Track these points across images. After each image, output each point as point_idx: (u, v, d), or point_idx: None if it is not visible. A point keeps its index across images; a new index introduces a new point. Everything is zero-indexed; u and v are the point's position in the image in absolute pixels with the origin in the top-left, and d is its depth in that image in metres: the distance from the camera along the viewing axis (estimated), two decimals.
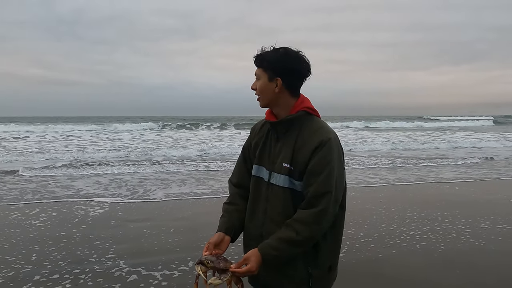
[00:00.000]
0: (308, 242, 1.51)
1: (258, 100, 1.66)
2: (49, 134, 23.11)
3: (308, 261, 1.56)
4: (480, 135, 23.39)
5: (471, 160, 11.65)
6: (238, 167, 1.83)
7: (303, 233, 1.48)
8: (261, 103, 1.65)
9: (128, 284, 3.29)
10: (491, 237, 4.50)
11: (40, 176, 8.60)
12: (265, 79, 1.60)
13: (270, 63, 1.59)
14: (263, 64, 1.60)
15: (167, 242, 4.32)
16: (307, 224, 1.48)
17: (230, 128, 33.27)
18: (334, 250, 1.64)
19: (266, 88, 1.60)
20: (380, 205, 6.05)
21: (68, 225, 4.95)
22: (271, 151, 1.65)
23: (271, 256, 1.50)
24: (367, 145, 16.15)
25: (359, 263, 3.76)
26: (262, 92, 1.62)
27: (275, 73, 1.59)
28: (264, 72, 1.60)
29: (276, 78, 1.59)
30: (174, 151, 13.78)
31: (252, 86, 1.66)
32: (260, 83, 1.61)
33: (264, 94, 1.62)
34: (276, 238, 1.51)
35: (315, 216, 1.48)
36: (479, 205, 6.05)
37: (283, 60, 1.58)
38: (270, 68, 1.59)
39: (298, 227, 1.48)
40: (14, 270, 3.55)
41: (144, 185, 7.61)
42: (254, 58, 1.63)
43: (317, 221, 1.49)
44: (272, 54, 1.59)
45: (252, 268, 1.48)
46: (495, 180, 8.48)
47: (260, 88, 1.62)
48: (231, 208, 1.74)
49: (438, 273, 3.52)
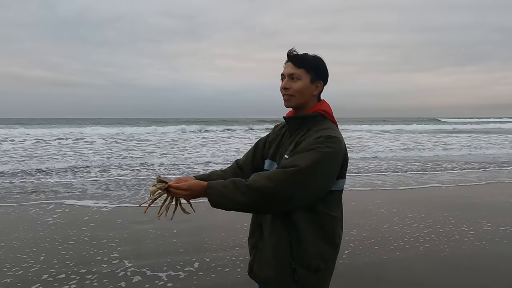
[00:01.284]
0: (251, 192, 1.45)
1: (288, 99, 1.64)
2: (97, 139, 20.64)
3: (293, 255, 1.55)
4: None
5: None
6: (247, 154, 1.90)
7: (253, 182, 1.46)
8: (293, 103, 1.64)
9: (134, 285, 3.32)
10: (496, 239, 4.48)
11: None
12: (307, 80, 1.61)
13: (314, 66, 1.62)
14: (306, 65, 1.60)
15: (172, 243, 4.35)
16: (260, 177, 1.47)
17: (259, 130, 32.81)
18: (322, 251, 1.57)
19: (307, 89, 1.62)
20: (380, 206, 6.05)
21: (76, 225, 5.00)
22: (285, 147, 1.69)
23: (215, 189, 1.48)
24: (455, 151, 15.16)
25: (364, 266, 3.76)
26: (301, 92, 1.61)
27: (318, 76, 1.63)
28: (307, 73, 1.61)
29: (319, 81, 1.64)
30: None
31: (285, 85, 1.63)
32: (301, 84, 1.61)
33: (302, 95, 1.62)
34: (231, 179, 1.52)
35: (274, 173, 1.47)
36: (482, 207, 6.02)
37: (323, 64, 1.64)
38: (314, 70, 1.62)
39: (253, 176, 1.49)
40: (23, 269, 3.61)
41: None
42: (293, 57, 1.62)
43: (271, 177, 1.45)
44: (312, 58, 1.62)
45: (183, 185, 1.51)
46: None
47: (299, 88, 1.61)
48: (219, 172, 1.85)
49: (443, 277, 3.50)
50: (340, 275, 3.47)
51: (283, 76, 1.65)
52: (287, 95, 1.63)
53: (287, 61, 1.64)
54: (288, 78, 1.62)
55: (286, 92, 1.63)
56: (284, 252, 1.56)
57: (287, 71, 1.63)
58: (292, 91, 1.61)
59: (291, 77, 1.62)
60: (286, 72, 1.63)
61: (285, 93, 1.63)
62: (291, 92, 1.62)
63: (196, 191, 1.51)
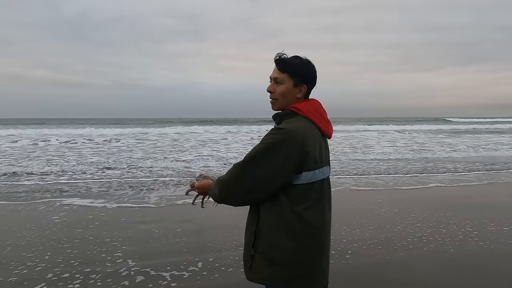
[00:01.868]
0: (220, 186, 1.69)
1: (273, 102, 1.71)
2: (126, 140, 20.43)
3: (254, 243, 1.66)
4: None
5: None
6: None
7: (223, 176, 1.69)
8: (277, 106, 1.71)
9: (138, 285, 3.33)
10: (501, 240, 4.45)
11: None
12: (290, 85, 1.66)
13: (297, 70, 1.65)
14: (289, 69, 1.65)
15: (175, 243, 4.36)
16: (227, 171, 1.68)
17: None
18: (279, 245, 1.59)
19: (290, 93, 1.67)
20: (382, 205, 6.03)
21: (80, 224, 5.02)
22: None
23: (210, 186, 1.77)
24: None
25: (367, 266, 3.74)
26: (284, 96, 1.67)
27: (301, 80, 1.66)
28: (290, 78, 1.65)
29: (302, 84, 1.67)
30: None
31: (269, 88, 1.70)
32: (284, 88, 1.66)
33: (285, 98, 1.67)
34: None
35: (232, 167, 1.66)
36: (484, 207, 5.99)
37: (308, 69, 1.67)
38: (297, 75, 1.65)
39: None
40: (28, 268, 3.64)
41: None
42: (277, 62, 1.67)
43: (228, 172, 1.66)
44: (297, 61, 1.66)
45: (198, 184, 1.88)
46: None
47: (282, 92, 1.67)
48: None
49: (447, 277, 3.49)
50: (344, 276, 3.47)
51: (270, 79, 1.72)
52: (271, 98, 1.71)
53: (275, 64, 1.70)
54: (273, 82, 1.69)
55: (271, 96, 1.70)
56: (249, 240, 1.69)
57: (272, 75, 1.69)
58: (276, 94, 1.68)
59: (275, 81, 1.68)
60: (272, 76, 1.69)
61: (270, 97, 1.71)
62: (275, 96, 1.68)
63: (204, 188, 1.83)
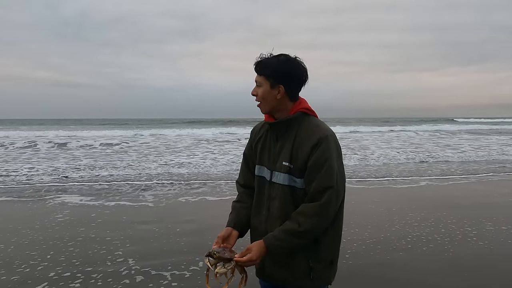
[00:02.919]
0: (309, 234, 1.57)
1: (258, 106, 1.69)
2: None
3: (309, 254, 1.63)
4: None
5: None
6: (242, 171, 1.90)
7: (305, 225, 1.55)
8: (263, 110, 1.69)
9: (138, 284, 3.35)
10: (500, 239, 4.46)
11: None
12: (267, 87, 1.63)
13: (272, 71, 1.61)
14: (264, 72, 1.62)
15: (176, 243, 4.38)
16: (308, 216, 1.55)
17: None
18: (334, 244, 1.69)
19: (268, 95, 1.64)
20: (379, 204, 6.05)
21: (82, 224, 5.05)
22: (271, 151, 1.71)
23: (274, 246, 1.57)
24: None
25: (367, 266, 3.74)
26: (264, 99, 1.65)
27: (277, 81, 1.61)
28: (266, 80, 1.62)
29: (279, 85, 1.62)
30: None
31: (252, 92, 1.68)
32: (262, 91, 1.64)
33: (266, 101, 1.65)
34: (280, 229, 1.59)
35: (317, 208, 1.55)
36: (482, 205, 6.01)
37: (285, 68, 1.61)
38: (273, 76, 1.61)
39: (300, 219, 1.56)
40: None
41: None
42: (254, 65, 1.65)
43: (319, 213, 1.55)
44: (274, 62, 1.61)
45: (253, 257, 1.56)
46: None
47: (262, 95, 1.65)
48: (238, 205, 1.83)
49: (448, 277, 3.48)
50: (344, 276, 3.47)
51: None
52: (257, 101, 1.69)
53: None
54: (256, 85, 1.67)
55: (256, 99, 1.69)
56: (300, 251, 1.63)
57: (255, 78, 1.68)
58: (258, 97, 1.67)
59: (256, 84, 1.67)
60: (255, 79, 1.68)
61: (255, 100, 1.70)
62: (258, 99, 1.67)
63: (262, 255, 1.59)
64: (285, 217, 1.62)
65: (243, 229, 1.78)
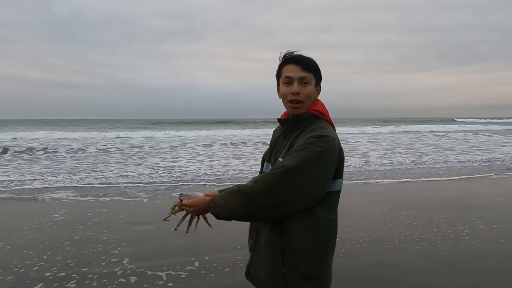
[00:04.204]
0: (243, 199, 1.44)
1: (298, 106, 1.55)
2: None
3: (283, 259, 1.51)
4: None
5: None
6: (260, 168, 1.86)
7: (245, 187, 1.45)
8: (302, 110, 1.57)
9: (134, 285, 3.35)
10: (493, 238, 4.51)
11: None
12: (314, 85, 1.57)
13: (317, 68, 1.58)
14: (313, 68, 1.55)
15: (171, 243, 4.38)
16: (253, 180, 1.47)
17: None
18: (317, 258, 1.50)
19: (314, 94, 1.59)
20: (372, 204, 6.10)
21: (78, 224, 5.04)
22: (279, 148, 1.67)
23: (215, 202, 1.51)
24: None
25: (362, 267, 3.74)
26: (310, 97, 1.56)
27: (320, 80, 1.61)
28: (314, 78, 1.56)
29: (320, 85, 1.62)
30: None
31: (296, 89, 1.53)
32: (310, 88, 1.55)
33: (310, 100, 1.57)
34: (227, 190, 1.57)
35: (260, 177, 1.48)
36: (472, 203, 6.07)
37: (319, 68, 1.60)
38: (318, 74, 1.58)
39: (246, 183, 1.49)
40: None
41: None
42: (299, 59, 1.54)
43: (257, 181, 1.44)
44: (313, 61, 1.57)
45: (188, 202, 1.60)
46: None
47: (309, 93, 1.55)
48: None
49: (442, 277, 3.49)
50: (338, 277, 3.50)
51: (290, 79, 1.54)
52: (296, 101, 1.53)
53: (287, 63, 1.56)
54: (298, 82, 1.53)
55: (297, 98, 1.53)
56: (275, 256, 1.52)
57: (297, 74, 1.52)
58: (302, 96, 1.53)
59: (301, 81, 1.53)
60: (296, 76, 1.52)
61: (294, 99, 1.53)
62: (302, 98, 1.53)
63: (201, 205, 1.56)
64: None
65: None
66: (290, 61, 1.54)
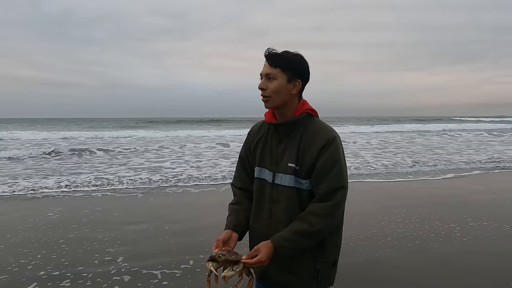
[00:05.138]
0: (319, 234, 1.55)
1: (265, 100, 1.60)
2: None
3: (316, 257, 1.60)
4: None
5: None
6: (238, 173, 1.83)
7: (317, 225, 1.52)
8: (271, 104, 1.60)
9: (128, 284, 3.36)
10: (485, 235, 4.56)
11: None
12: (283, 80, 1.57)
13: (291, 64, 1.57)
14: (281, 64, 1.56)
15: (165, 242, 4.39)
16: (320, 216, 1.52)
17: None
18: (337, 245, 1.69)
19: (283, 89, 1.57)
20: (364, 202, 6.15)
21: (72, 223, 5.04)
22: (273, 152, 1.65)
23: (284, 247, 1.50)
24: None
25: (356, 264, 3.74)
26: (278, 92, 1.57)
27: (295, 75, 1.58)
28: (283, 73, 1.56)
29: (297, 80, 1.59)
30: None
31: (261, 85, 1.59)
32: (277, 84, 1.56)
33: (279, 95, 1.58)
34: (289, 230, 1.53)
35: (329, 209, 1.53)
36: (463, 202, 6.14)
37: (302, 63, 1.59)
38: (291, 69, 1.57)
39: (311, 219, 1.52)
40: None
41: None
42: (268, 56, 1.57)
43: (331, 213, 1.53)
44: (291, 56, 1.57)
45: (262, 258, 1.47)
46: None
47: (275, 88, 1.57)
48: (237, 207, 1.76)
49: (435, 274, 3.51)
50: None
51: (261, 76, 1.61)
52: (264, 96, 1.60)
53: (265, 59, 1.60)
54: (265, 78, 1.59)
55: (263, 93, 1.59)
56: (310, 256, 1.60)
57: (264, 71, 1.59)
58: (268, 91, 1.58)
59: (267, 77, 1.58)
60: (263, 72, 1.59)
61: (262, 94, 1.60)
62: (268, 93, 1.58)
63: (270, 256, 1.50)
64: (290, 219, 1.58)
65: (242, 232, 1.71)
66: (265, 58, 1.60)
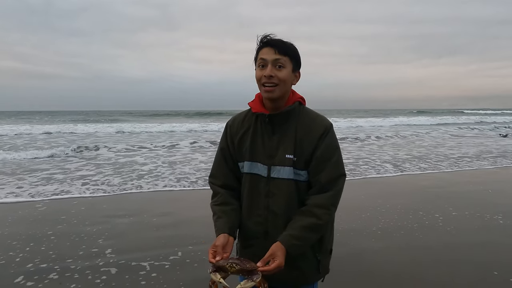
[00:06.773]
0: (327, 226, 1.56)
1: (271, 90, 1.47)
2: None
3: (315, 248, 1.58)
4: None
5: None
6: (220, 169, 1.67)
7: (324, 217, 1.49)
8: (277, 93, 1.49)
9: (116, 276, 3.36)
10: (467, 226, 4.65)
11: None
12: (290, 69, 1.50)
13: (295, 53, 1.51)
14: (289, 52, 1.48)
15: (153, 236, 4.39)
16: (326, 207, 1.49)
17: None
18: (332, 232, 1.68)
19: (290, 78, 1.51)
20: (357, 196, 6.23)
21: (58, 217, 5.00)
22: (266, 145, 1.56)
23: (295, 246, 1.44)
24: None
25: (344, 254, 3.72)
26: (285, 82, 1.48)
27: (298, 65, 1.54)
28: (290, 62, 1.49)
29: (298, 71, 1.55)
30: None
31: (270, 72, 1.46)
32: (286, 72, 1.47)
33: (285, 85, 1.49)
34: (296, 227, 1.47)
35: (332, 198, 1.51)
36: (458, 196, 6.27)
37: (298, 54, 1.54)
38: (295, 58, 1.52)
39: (318, 212, 1.48)
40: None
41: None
42: (275, 42, 1.47)
43: (334, 203, 1.52)
44: (293, 45, 1.51)
45: (282, 263, 1.38)
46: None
47: (284, 77, 1.47)
48: (226, 208, 1.60)
49: (425, 268, 3.50)
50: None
51: (264, 61, 1.47)
52: (271, 83, 1.47)
53: (263, 46, 1.49)
54: (272, 66, 1.46)
55: (271, 80, 1.46)
56: (312, 249, 1.58)
57: (270, 56, 1.46)
58: (277, 79, 1.46)
59: (275, 64, 1.46)
60: (270, 58, 1.46)
61: (268, 81, 1.47)
62: (276, 81, 1.46)
63: (283, 261, 1.40)
64: (289, 213, 1.52)
65: (235, 234, 1.59)
66: (266, 44, 1.48)
